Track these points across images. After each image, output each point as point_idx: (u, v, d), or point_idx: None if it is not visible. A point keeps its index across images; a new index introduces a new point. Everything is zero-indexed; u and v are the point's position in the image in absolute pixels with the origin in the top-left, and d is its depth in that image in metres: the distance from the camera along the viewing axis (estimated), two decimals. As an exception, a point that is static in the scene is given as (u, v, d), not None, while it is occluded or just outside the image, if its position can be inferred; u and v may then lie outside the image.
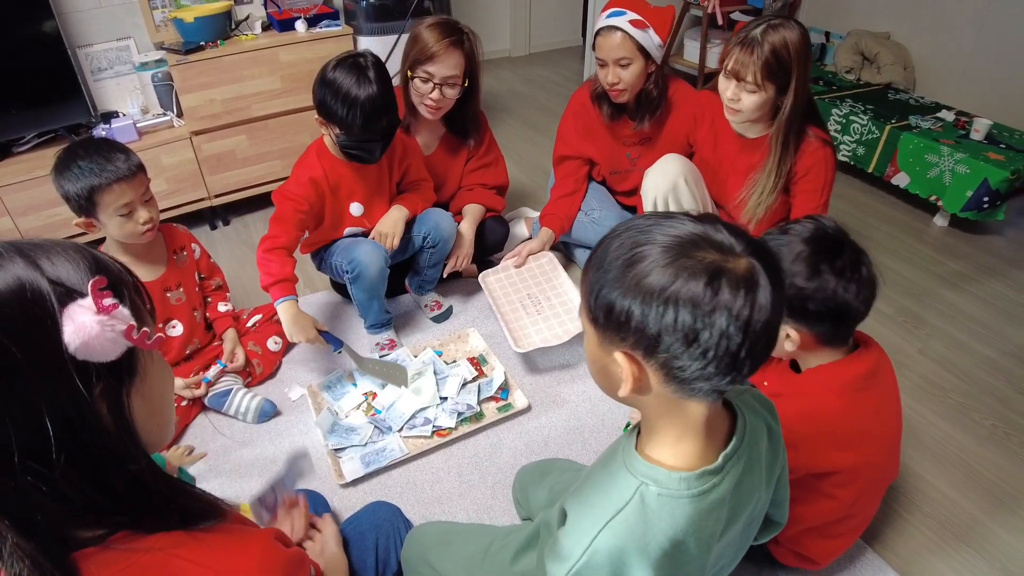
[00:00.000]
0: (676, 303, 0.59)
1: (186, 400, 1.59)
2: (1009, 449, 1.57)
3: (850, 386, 1.05)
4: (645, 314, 0.61)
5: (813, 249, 0.99)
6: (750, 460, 0.74)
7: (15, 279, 0.50)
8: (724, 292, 0.58)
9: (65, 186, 1.37)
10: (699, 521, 0.69)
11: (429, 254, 1.88)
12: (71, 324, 0.50)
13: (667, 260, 0.60)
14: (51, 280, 0.51)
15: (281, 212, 1.68)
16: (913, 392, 1.74)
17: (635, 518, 0.68)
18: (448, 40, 1.74)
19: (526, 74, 4.07)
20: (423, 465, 1.52)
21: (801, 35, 1.46)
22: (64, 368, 0.50)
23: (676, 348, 0.60)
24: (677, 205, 1.76)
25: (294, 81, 2.37)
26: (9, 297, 0.49)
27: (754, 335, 0.60)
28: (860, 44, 3.13)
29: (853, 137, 2.70)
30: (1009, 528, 1.39)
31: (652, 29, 1.77)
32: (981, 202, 2.30)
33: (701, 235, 0.61)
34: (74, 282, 0.52)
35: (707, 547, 0.71)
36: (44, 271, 0.51)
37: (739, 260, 0.60)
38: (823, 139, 1.59)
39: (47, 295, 0.50)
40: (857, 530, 1.19)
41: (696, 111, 1.81)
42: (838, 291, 0.98)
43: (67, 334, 0.49)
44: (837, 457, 1.05)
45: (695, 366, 0.61)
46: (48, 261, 0.52)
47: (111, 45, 2.31)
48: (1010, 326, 1.98)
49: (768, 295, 0.60)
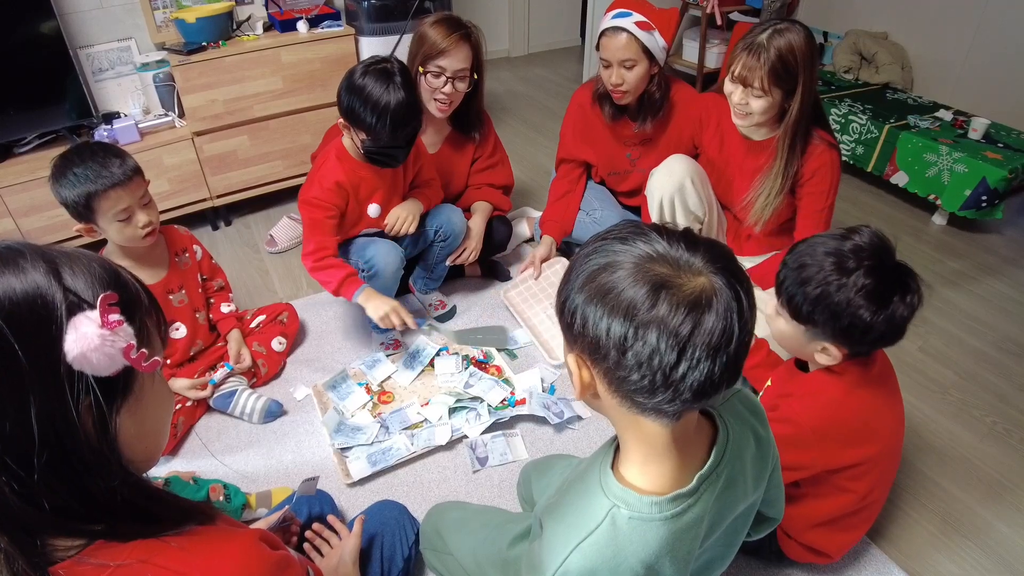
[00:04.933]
0: (614, 310, 0.58)
1: (191, 401, 1.59)
2: (1009, 445, 1.59)
3: (859, 384, 1.07)
4: (585, 317, 0.60)
5: (879, 280, 0.97)
6: (732, 473, 0.73)
7: (33, 284, 0.52)
8: (662, 307, 0.57)
9: (62, 193, 1.36)
10: (673, 542, 0.67)
11: (440, 247, 1.90)
12: (74, 333, 0.51)
13: (624, 271, 0.59)
14: (67, 289, 0.53)
15: (315, 221, 1.66)
16: (914, 389, 1.75)
17: (606, 541, 0.67)
18: (457, 34, 1.75)
19: (525, 74, 4.08)
20: (429, 464, 1.53)
21: (807, 39, 1.47)
22: (58, 375, 0.51)
23: (613, 356, 0.59)
24: (683, 206, 1.76)
25: (296, 81, 2.37)
26: (23, 300, 0.51)
27: (695, 359, 0.57)
28: (858, 44, 3.15)
29: (852, 137, 2.72)
30: (1010, 523, 1.41)
31: (657, 31, 1.78)
32: (979, 201, 2.32)
33: (663, 252, 0.60)
34: (88, 295, 0.54)
35: (684, 564, 0.70)
36: (63, 280, 0.53)
37: (695, 279, 0.58)
38: (829, 142, 1.60)
39: (59, 303, 0.52)
40: (868, 521, 1.20)
41: (702, 113, 1.81)
42: (902, 320, 0.98)
43: (68, 342, 0.51)
44: (851, 453, 1.06)
45: (633, 378, 0.59)
46: (70, 271, 0.54)
47: (112, 46, 2.31)
48: (1009, 323, 2.00)
49: (721, 322, 0.57)
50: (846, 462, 1.07)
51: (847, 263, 0.98)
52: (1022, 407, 1.70)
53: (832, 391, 1.07)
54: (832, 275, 0.98)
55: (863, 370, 1.07)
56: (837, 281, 0.97)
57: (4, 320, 0.49)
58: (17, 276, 0.52)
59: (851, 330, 0.98)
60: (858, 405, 1.07)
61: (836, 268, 0.98)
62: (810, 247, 1.03)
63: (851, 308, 0.96)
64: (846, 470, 1.08)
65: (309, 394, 1.70)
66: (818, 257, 1.00)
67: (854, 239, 1.01)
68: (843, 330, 0.99)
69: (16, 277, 0.51)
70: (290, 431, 1.62)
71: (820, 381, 1.10)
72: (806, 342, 1.06)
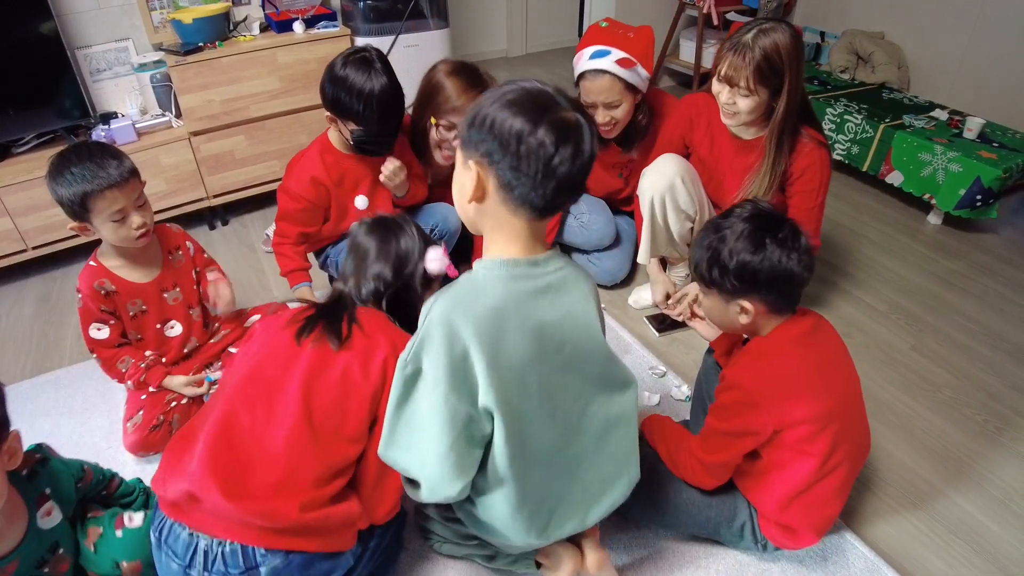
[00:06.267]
0: (517, 113, 0.83)
1: (186, 399, 1.60)
2: (1001, 444, 1.59)
3: (798, 341, 1.13)
4: (494, 120, 0.84)
5: (754, 226, 1.09)
6: (566, 284, 0.96)
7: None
8: (548, 117, 0.83)
9: (58, 191, 1.37)
10: (518, 298, 0.91)
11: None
12: None
13: (526, 95, 0.86)
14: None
15: (284, 209, 1.75)
16: (905, 387, 1.76)
17: (464, 287, 0.92)
18: (473, 92, 1.72)
19: (523, 74, 4.08)
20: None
21: (792, 38, 1.47)
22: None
23: (512, 148, 0.83)
24: (674, 204, 1.77)
25: (292, 82, 2.38)
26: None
27: (565, 155, 0.83)
28: (854, 44, 3.15)
29: (847, 136, 2.72)
30: (1000, 522, 1.41)
31: (639, 64, 1.75)
32: (974, 200, 2.33)
33: (552, 93, 0.87)
34: None
35: (529, 331, 0.91)
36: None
37: (569, 112, 0.85)
38: (818, 140, 1.60)
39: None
40: (839, 494, 1.19)
41: (692, 112, 1.81)
42: (783, 260, 1.07)
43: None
44: (799, 408, 1.08)
45: (522, 167, 0.83)
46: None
47: (110, 46, 2.33)
48: (1002, 323, 2.00)
49: (583, 140, 0.85)
50: (796, 418, 1.08)
51: (730, 221, 1.12)
52: (1014, 405, 1.70)
53: (770, 351, 1.14)
54: (718, 232, 1.12)
55: (795, 327, 1.14)
56: (722, 235, 1.11)
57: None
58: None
59: (742, 275, 1.09)
60: (798, 361, 1.11)
61: (720, 227, 1.12)
62: (708, 222, 1.17)
63: (734, 255, 1.08)
64: (799, 426, 1.09)
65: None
66: (710, 225, 1.15)
67: (739, 206, 1.14)
68: (737, 278, 1.09)
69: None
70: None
71: (757, 345, 1.17)
72: (725, 308, 1.16)
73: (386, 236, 1.22)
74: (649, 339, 1.94)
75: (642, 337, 1.93)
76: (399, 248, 1.21)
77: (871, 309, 2.06)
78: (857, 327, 1.98)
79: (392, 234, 1.22)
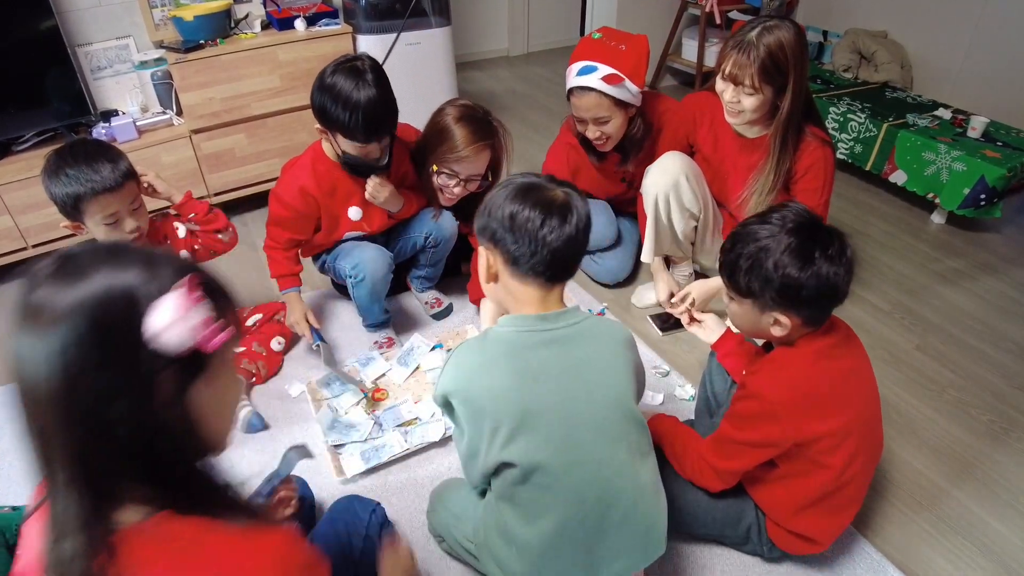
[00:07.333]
0: (509, 201, 0.98)
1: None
2: (1007, 444, 1.58)
3: (824, 353, 1.09)
4: (493, 209, 0.99)
5: (802, 239, 1.03)
6: (591, 337, 1.02)
7: (124, 283, 0.57)
8: (534, 196, 0.97)
9: (52, 190, 1.35)
10: (520, 349, 0.99)
11: (431, 252, 1.90)
12: (155, 312, 0.56)
13: (516, 189, 1.00)
14: (151, 287, 0.58)
15: (273, 214, 1.75)
16: (910, 387, 1.75)
17: (477, 344, 1.03)
18: (479, 144, 1.70)
19: (524, 73, 4.08)
20: (423, 460, 1.52)
21: (796, 35, 1.46)
22: (141, 352, 0.56)
23: (508, 227, 0.97)
24: (678, 202, 1.76)
25: (293, 80, 2.37)
26: (113, 295, 0.56)
27: (551, 225, 0.96)
28: (857, 43, 3.14)
29: (851, 135, 2.71)
30: (1007, 522, 1.40)
31: (628, 80, 1.71)
32: (978, 199, 2.32)
33: (543, 181, 1.01)
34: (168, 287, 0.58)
35: (525, 377, 0.97)
36: (158, 280, 0.58)
37: (556, 190, 0.99)
38: (822, 139, 1.59)
39: (143, 299, 0.57)
40: (853, 503, 1.18)
41: (695, 112, 1.79)
42: (831, 276, 1.02)
43: (149, 319, 0.56)
44: (820, 424, 1.07)
45: (518, 243, 0.96)
46: (159, 273, 0.59)
47: (110, 44, 2.32)
48: (1006, 322, 1.99)
49: (569, 212, 0.98)
50: (817, 432, 1.07)
51: (769, 228, 1.05)
52: (1019, 405, 1.69)
53: (795, 363, 1.10)
54: (760, 242, 1.05)
55: (822, 340, 1.10)
56: (764, 246, 1.04)
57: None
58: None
59: (786, 291, 1.03)
60: (822, 375, 1.08)
61: (758, 235, 1.06)
62: (741, 227, 1.11)
63: (779, 269, 1.02)
64: (819, 441, 1.07)
65: (304, 391, 1.70)
66: (747, 232, 1.08)
67: (777, 212, 1.08)
68: (780, 294, 1.04)
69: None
70: (284, 427, 1.61)
71: (782, 355, 1.13)
72: (758, 318, 1.11)
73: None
74: (652, 338, 1.93)
75: (645, 336, 1.92)
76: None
77: (875, 309, 2.05)
78: (861, 327, 1.97)
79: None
